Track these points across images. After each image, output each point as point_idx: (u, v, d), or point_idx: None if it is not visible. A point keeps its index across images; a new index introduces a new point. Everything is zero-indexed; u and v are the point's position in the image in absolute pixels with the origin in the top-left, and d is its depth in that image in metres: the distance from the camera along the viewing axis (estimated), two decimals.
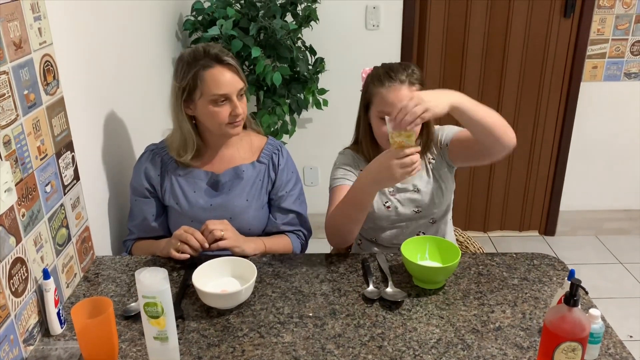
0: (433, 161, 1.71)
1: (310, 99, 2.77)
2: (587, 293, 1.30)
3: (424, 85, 1.60)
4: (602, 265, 3.13)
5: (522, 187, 3.33)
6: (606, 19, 2.93)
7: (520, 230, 3.43)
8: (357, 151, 1.73)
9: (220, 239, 1.51)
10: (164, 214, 1.69)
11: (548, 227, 3.41)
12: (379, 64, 3.14)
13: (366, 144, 1.69)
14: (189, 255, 1.48)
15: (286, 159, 1.71)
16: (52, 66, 1.34)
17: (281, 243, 1.68)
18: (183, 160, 1.62)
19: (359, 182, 1.48)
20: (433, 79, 3.07)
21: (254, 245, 1.59)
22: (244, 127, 1.67)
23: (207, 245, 1.50)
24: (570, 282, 1.06)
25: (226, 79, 1.52)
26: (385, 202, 1.69)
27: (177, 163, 1.65)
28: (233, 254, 1.52)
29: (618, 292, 2.88)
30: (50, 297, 1.24)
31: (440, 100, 1.37)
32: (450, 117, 1.44)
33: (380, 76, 1.59)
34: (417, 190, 1.68)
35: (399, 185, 1.67)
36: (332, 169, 1.72)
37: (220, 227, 1.51)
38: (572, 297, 1.06)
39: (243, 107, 1.58)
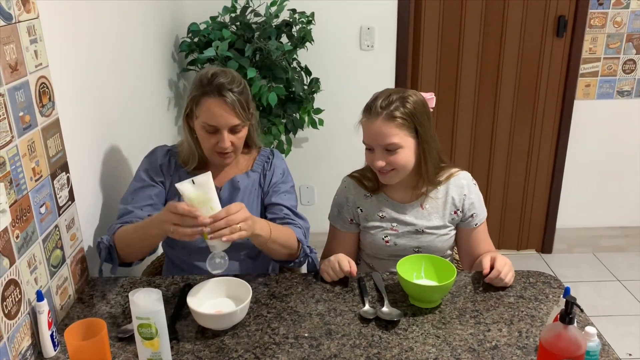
0: (454, 215, 1.68)
1: (306, 119, 2.79)
2: (582, 311, 1.29)
3: (410, 120, 1.53)
4: (599, 282, 3.12)
5: (519, 205, 3.33)
6: (598, 38, 2.97)
7: (517, 249, 3.43)
8: (362, 177, 1.70)
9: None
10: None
11: (545, 245, 3.41)
12: (373, 84, 3.17)
13: (369, 170, 1.67)
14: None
15: (275, 162, 1.70)
16: (47, 88, 1.35)
17: (285, 230, 1.55)
18: (188, 169, 1.63)
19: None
20: None
21: (262, 225, 1.44)
22: (250, 147, 1.68)
23: (207, 220, 1.29)
24: (565, 299, 1.06)
25: (218, 113, 1.50)
26: (385, 237, 1.67)
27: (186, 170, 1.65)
28: None
29: (616, 310, 2.86)
30: (43, 319, 1.23)
31: None
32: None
33: (365, 107, 1.59)
34: (422, 232, 1.66)
35: (403, 221, 1.66)
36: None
37: (241, 219, 1.33)
38: (568, 315, 1.06)
39: (235, 141, 1.55)
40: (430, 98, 1.63)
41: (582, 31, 2.94)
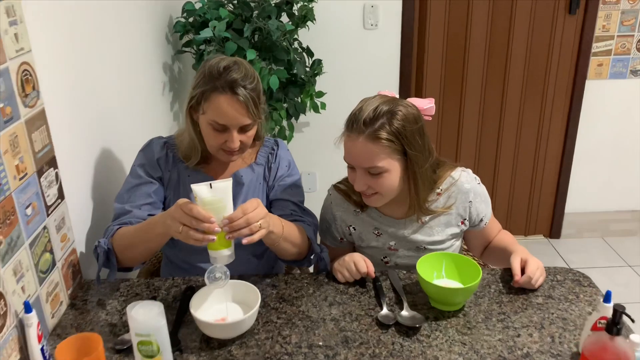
0: (462, 226, 1.54)
1: (308, 103, 2.66)
2: (633, 321, 1.17)
3: (397, 140, 1.33)
4: (609, 268, 3.04)
5: (527, 190, 3.23)
6: (611, 14, 2.84)
7: (525, 234, 3.34)
8: (349, 190, 1.51)
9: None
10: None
11: (553, 230, 3.32)
12: (378, 65, 3.02)
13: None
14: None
15: (280, 154, 1.58)
16: (31, 75, 1.22)
17: (296, 228, 1.44)
18: (189, 164, 1.51)
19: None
20: (434, 80, 2.96)
21: (275, 222, 1.35)
22: (254, 139, 1.54)
23: (218, 229, 1.19)
24: (613, 308, 0.96)
25: (230, 112, 1.37)
26: (383, 257, 1.56)
27: (186, 163, 1.53)
28: None
29: (627, 296, 2.78)
30: (32, 333, 1.12)
31: None
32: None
33: (348, 118, 1.38)
34: (423, 249, 1.52)
35: (402, 237, 1.52)
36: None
37: (260, 217, 1.23)
38: (615, 326, 0.96)
39: (244, 140, 1.43)
40: (428, 107, 1.42)
41: (596, 7, 2.81)
